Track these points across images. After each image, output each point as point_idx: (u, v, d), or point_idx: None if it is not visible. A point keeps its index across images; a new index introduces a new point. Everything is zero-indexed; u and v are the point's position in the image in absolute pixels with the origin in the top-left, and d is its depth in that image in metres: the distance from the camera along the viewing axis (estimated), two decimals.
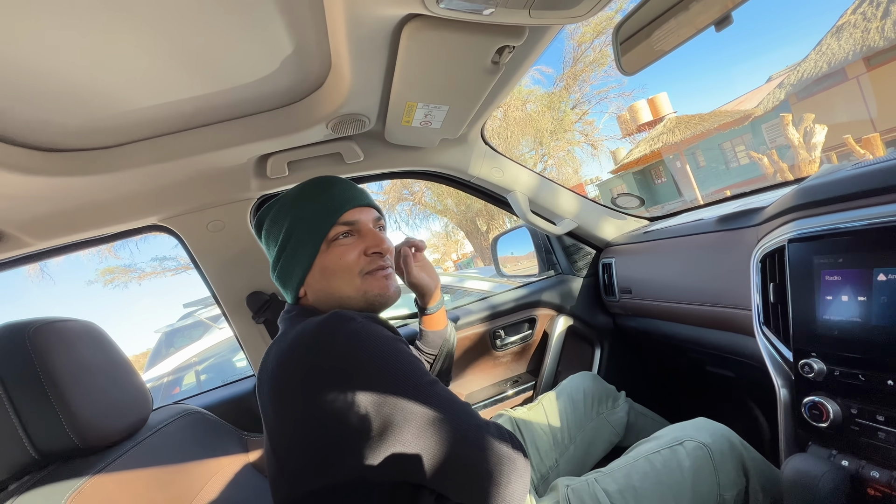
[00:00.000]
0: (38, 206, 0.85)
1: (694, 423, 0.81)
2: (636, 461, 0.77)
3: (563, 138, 12.42)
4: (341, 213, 0.68)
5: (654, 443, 0.79)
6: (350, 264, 0.68)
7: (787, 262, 0.68)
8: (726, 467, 0.72)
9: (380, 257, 0.70)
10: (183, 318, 4.08)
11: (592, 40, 11.57)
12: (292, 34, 0.65)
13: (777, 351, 0.69)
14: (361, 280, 0.68)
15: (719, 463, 0.72)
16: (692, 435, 0.77)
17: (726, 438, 0.75)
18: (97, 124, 0.74)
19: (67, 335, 0.66)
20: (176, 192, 0.98)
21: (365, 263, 0.69)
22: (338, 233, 0.68)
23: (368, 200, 0.73)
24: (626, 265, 1.27)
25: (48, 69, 0.57)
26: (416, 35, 0.65)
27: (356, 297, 0.68)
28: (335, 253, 0.68)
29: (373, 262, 0.69)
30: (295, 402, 0.54)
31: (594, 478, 0.77)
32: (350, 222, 0.69)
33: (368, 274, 0.69)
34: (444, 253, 19.47)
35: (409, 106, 0.87)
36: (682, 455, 0.74)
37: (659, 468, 0.74)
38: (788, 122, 8.43)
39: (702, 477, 0.71)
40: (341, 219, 0.68)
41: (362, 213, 0.71)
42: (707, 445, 0.74)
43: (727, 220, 0.92)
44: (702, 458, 0.73)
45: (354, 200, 0.71)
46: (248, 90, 0.77)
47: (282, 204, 0.72)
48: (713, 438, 0.75)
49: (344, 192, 0.71)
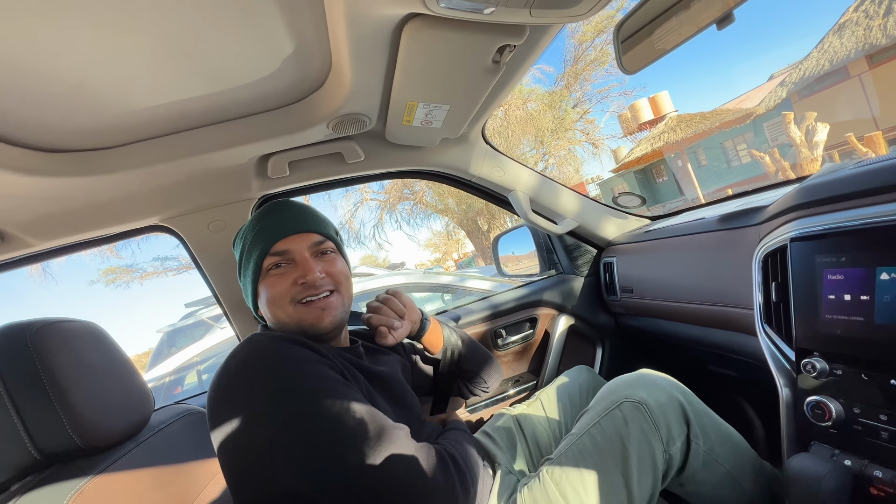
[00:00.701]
0: (40, 206, 0.85)
1: (632, 377, 0.79)
2: (579, 438, 0.75)
3: (564, 137, 12.40)
4: (272, 244, 0.70)
5: (593, 411, 0.77)
6: (282, 294, 0.69)
7: (790, 261, 0.68)
8: (667, 420, 0.70)
9: (311, 287, 0.70)
10: (184, 317, 4.09)
11: (593, 39, 11.55)
12: (293, 34, 0.65)
13: (779, 350, 0.69)
14: (294, 308, 0.70)
15: (658, 417, 0.70)
16: (628, 394, 0.74)
17: (664, 389, 0.73)
18: (98, 125, 0.74)
19: (69, 336, 0.66)
20: (177, 193, 0.98)
21: (296, 292, 0.70)
22: (270, 263, 0.71)
23: (306, 227, 0.73)
24: (628, 264, 1.26)
25: (49, 70, 0.57)
26: (416, 34, 0.65)
27: (292, 325, 0.70)
28: (269, 282, 0.70)
29: (304, 291, 0.70)
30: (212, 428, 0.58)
31: (545, 469, 0.74)
32: (280, 252, 0.70)
33: (301, 303, 0.70)
34: (445, 252, 19.48)
35: (409, 105, 0.87)
36: (620, 420, 0.71)
37: (599, 441, 0.72)
38: (790, 120, 8.41)
39: (642, 437, 0.69)
40: (272, 249, 0.70)
41: (294, 243, 0.71)
42: (643, 402, 0.71)
43: (729, 219, 0.91)
44: (640, 418, 0.70)
45: (288, 230, 0.71)
46: (248, 90, 0.77)
47: (243, 229, 0.76)
48: (648, 392, 0.73)
49: (280, 221, 0.72)
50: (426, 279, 2.94)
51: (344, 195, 14.36)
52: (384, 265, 13.10)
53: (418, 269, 13.44)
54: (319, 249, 0.74)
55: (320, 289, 0.71)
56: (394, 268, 8.85)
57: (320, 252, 0.74)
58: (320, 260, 0.74)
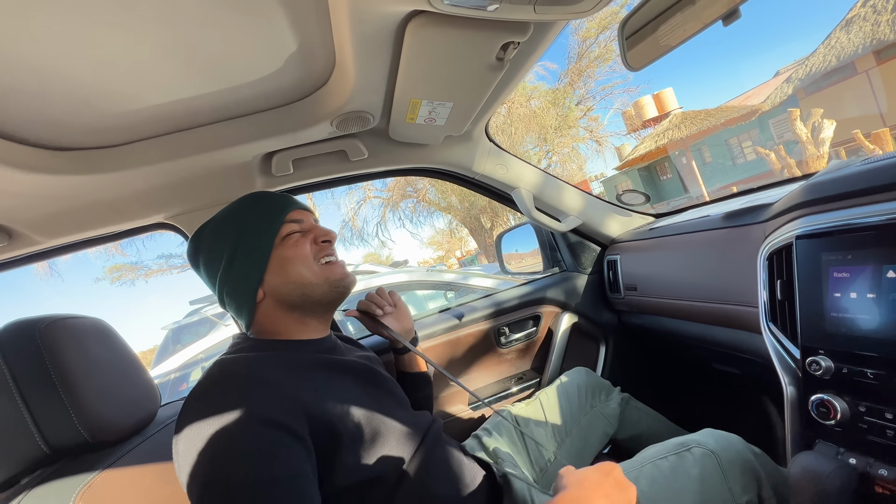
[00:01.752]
0: (47, 204, 0.86)
1: (701, 433, 0.80)
2: (643, 465, 0.76)
3: (567, 135, 12.37)
4: (287, 212, 0.72)
5: (661, 447, 0.78)
6: (307, 253, 0.71)
7: (795, 259, 0.68)
8: (735, 474, 0.71)
9: (329, 245, 0.74)
10: (189, 314, 4.11)
11: (597, 35, 11.49)
12: (297, 32, 0.65)
13: (784, 348, 0.69)
14: (320, 267, 0.71)
15: (728, 470, 0.71)
16: (699, 441, 0.76)
17: (734, 446, 0.74)
18: (104, 123, 0.74)
19: (77, 332, 0.66)
20: (182, 190, 0.99)
21: (318, 251, 0.72)
22: (288, 230, 0.71)
23: (305, 207, 0.77)
24: (632, 262, 1.26)
25: (55, 69, 0.58)
26: (420, 32, 0.64)
27: (319, 283, 0.70)
28: (289, 248, 0.70)
29: (325, 249, 0.73)
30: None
31: None
32: (297, 220, 0.73)
33: (325, 264, 0.72)
34: (448, 250, 19.47)
35: (413, 103, 0.87)
36: (690, 461, 0.73)
37: (667, 473, 0.73)
38: (796, 117, 8.34)
39: (710, 484, 0.70)
40: (288, 217, 0.72)
41: (303, 214, 0.75)
42: (715, 453, 0.73)
43: (733, 216, 0.91)
44: (710, 465, 0.72)
45: (294, 204, 0.74)
46: (252, 88, 0.77)
47: (218, 223, 0.71)
48: (720, 446, 0.74)
49: (282, 198, 0.74)
50: (429, 277, 2.94)
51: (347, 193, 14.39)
52: (387, 263, 13.11)
53: (421, 266, 13.47)
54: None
55: (332, 250, 0.75)
56: (397, 265, 8.86)
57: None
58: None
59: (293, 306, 0.70)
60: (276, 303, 0.70)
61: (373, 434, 0.62)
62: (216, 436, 0.50)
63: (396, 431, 0.66)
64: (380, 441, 0.63)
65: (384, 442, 0.63)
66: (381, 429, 0.64)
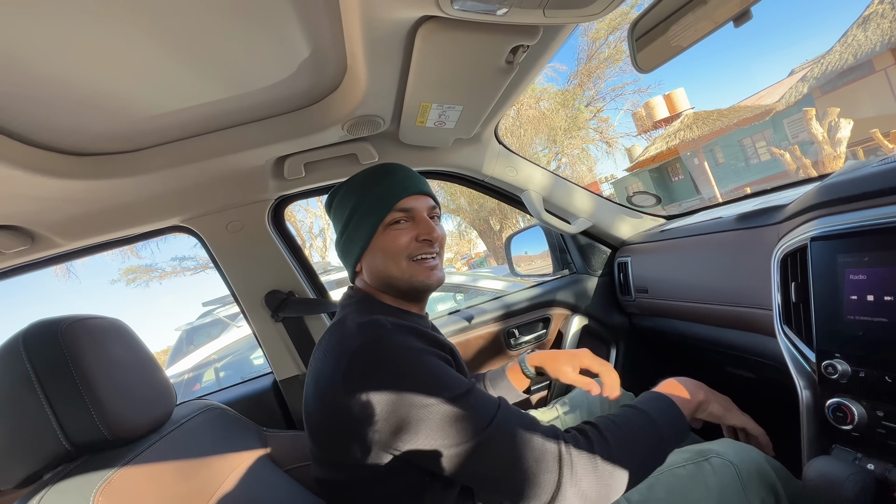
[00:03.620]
0: (68, 208, 0.88)
1: (720, 442, 0.78)
2: (660, 473, 0.75)
3: (577, 136, 12.28)
4: (398, 199, 0.73)
5: (679, 456, 0.77)
6: (401, 248, 0.72)
7: (810, 261, 0.67)
8: (753, 486, 0.69)
9: (428, 244, 0.74)
10: (202, 316, 4.17)
11: (607, 36, 11.41)
12: (309, 38, 0.66)
13: (799, 352, 0.68)
14: (408, 264, 0.72)
15: (747, 482, 0.70)
16: (718, 452, 0.74)
17: (753, 459, 0.73)
18: (122, 129, 0.76)
19: (97, 332, 0.68)
20: (197, 194, 1.01)
21: (414, 249, 0.73)
22: (393, 218, 0.73)
23: (425, 189, 0.77)
24: (643, 264, 1.25)
25: (75, 77, 0.59)
26: (430, 36, 0.65)
27: (401, 279, 0.73)
28: (389, 236, 0.72)
29: (421, 249, 0.73)
30: (333, 395, 0.60)
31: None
32: (406, 209, 0.73)
33: (416, 260, 0.73)
34: (457, 252, 19.46)
35: (423, 106, 0.88)
36: (709, 471, 0.72)
37: (684, 482, 0.72)
38: (812, 116, 8.17)
39: (728, 495, 0.69)
40: (398, 205, 0.72)
41: (417, 201, 0.74)
42: (734, 464, 0.71)
43: (747, 218, 0.90)
44: (728, 476, 0.70)
45: (411, 188, 0.74)
46: (265, 94, 0.79)
47: (349, 186, 0.77)
48: (739, 458, 0.73)
49: (403, 179, 0.75)
50: None
51: None
52: None
53: None
54: (432, 214, 0.77)
55: (434, 248, 0.75)
56: None
57: (433, 216, 0.77)
58: (433, 223, 0.77)
59: (382, 288, 0.75)
60: (371, 278, 0.76)
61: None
62: (413, 373, 0.59)
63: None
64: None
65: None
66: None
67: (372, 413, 0.57)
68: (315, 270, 1.26)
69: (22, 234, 0.91)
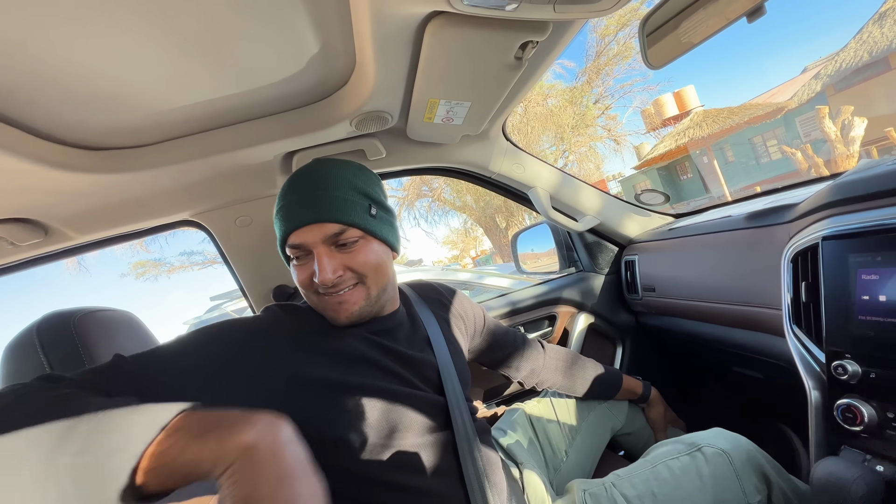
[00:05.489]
0: (81, 202, 0.90)
1: (711, 432, 0.80)
2: (654, 466, 0.76)
3: (585, 133, 12.20)
4: (287, 235, 0.65)
5: (672, 447, 0.79)
6: (303, 285, 0.66)
7: (821, 261, 0.66)
8: (747, 473, 0.71)
9: (325, 286, 0.63)
10: (210, 310, 4.22)
11: (616, 33, 11.30)
12: (318, 33, 0.66)
13: (808, 352, 0.67)
14: (318, 298, 0.66)
15: (740, 470, 0.71)
16: (710, 441, 0.76)
17: (744, 447, 0.74)
18: (133, 124, 0.77)
19: (109, 323, 0.69)
20: (206, 189, 1.02)
21: (317, 286, 0.64)
22: (290, 254, 0.66)
23: (321, 216, 0.63)
24: (651, 263, 1.24)
25: (87, 72, 0.60)
26: (439, 32, 0.65)
27: (322, 310, 0.67)
28: (295, 269, 0.67)
29: (322, 288, 0.64)
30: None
31: (612, 482, 0.77)
32: (296, 245, 0.64)
33: (323, 294, 0.65)
34: (463, 249, 19.44)
35: (431, 103, 0.88)
36: (702, 461, 0.73)
37: (678, 474, 0.73)
38: (825, 114, 8.05)
39: (723, 484, 0.70)
40: (288, 241, 0.64)
41: (308, 234, 0.63)
42: (726, 452, 0.73)
43: (757, 216, 0.89)
44: (722, 464, 0.72)
45: (300, 220, 0.63)
46: (274, 89, 0.79)
47: (285, 186, 0.69)
48: (731, 446, 0.74)
49: (297, 206, 0.64)
50: (444, 276, 2.95)
51: None
52: (402, 262, 13.19)
53: (436, 265, 13.50)
54: (337, 241, 0.64)
55: (339, 286, 0.64)
56: (412, 265, 8.90)
57: (339, 244, 0.64)
58: (339, 252, 0.64)
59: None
60: None
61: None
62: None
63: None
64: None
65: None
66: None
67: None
68: None
69: (36, 227, 0.93)
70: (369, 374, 0.65)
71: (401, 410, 0.64)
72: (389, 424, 0.63)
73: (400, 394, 0.66)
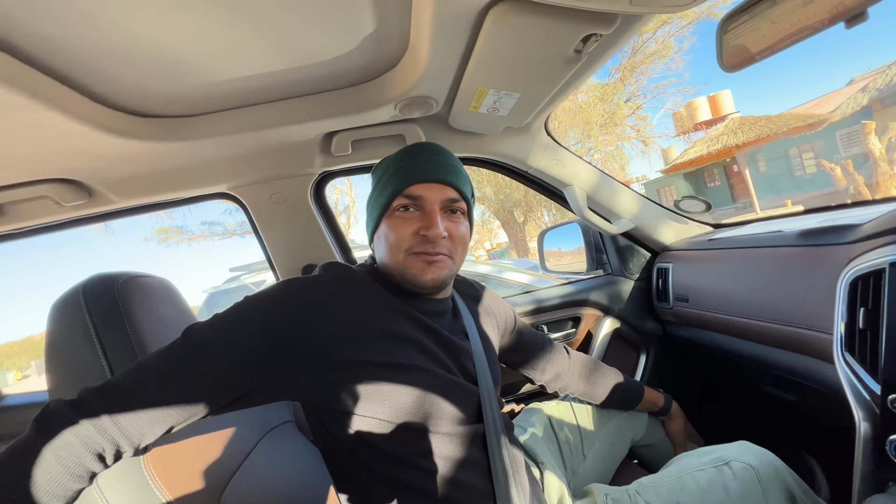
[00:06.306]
0: (126, 167, 0.91)
1: (738, 445, 0.78)
2: (680, 476, 0.75)
3: (612, 132, 11.92)
4: (408, 184, 0.66)
5: (698, 459, 0.77)
6: (399, 240, 0.65)
7: (885, 287, 0.62)
8: (774, 491, 0.69)
9: (428, 242, 0.65)
10: (228, 280, 4.30)
11: (655, 30, 10.93)
12: (376, 13, 0.65)
13: (860, 381, 0.64)
14: (405, 257, 0.65)
15: (767, 487, 0.69)
16: (738, 456, 0.74)
17: (771, 463, 0.73)
18: (184, 93, 0.77)
19: (149, 289, 0.70)
20: (246, 163, 1.02)
21: (414, 243, 0.65)
22: (399, 204, 0.66)
23: (446, 178, 0.67)
24: (685, 272, 1.21)
25: (149, 40, 0.60)
26: (501, 19, 0.63)
27: (396, 271, 0.67)
28: (392, 224, 0.67)
29: (420, 245, 0.65)
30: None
31: (636, 489, 0.76)
32: (413, 196, 0.66)
33: (414, 254, 0.65)
34: (478, 241, 19.38)
35: (479, 91, 0.86)
36: (729, 476, 0.72)
37: (704, 486, 0.72)
38: (871, 130, 7.67)
39: (749, 499, 0.69)
40: (406, 191, 0.66)
41: (430, 190, 0.66)
42: (754, 468, 0.71)
43: (813, 234, 0.85)
44: (749, 480, 0.70)
45: (426, 175, 0.66)
46: (324, 67, 0.78)
47: (386, 158, 0.72)
48: (759, 461, 0.73)
49: (422, 163, 0.67)
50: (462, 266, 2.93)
51: None
52: None
53: None
54: (451, 207, 0.68)
55: (437, 248, 0.65)
56: None
57: (451, 210, 0.68)
58: (447, 217, 0.67)
59: (383, 270, 0.70)
60: (377, 257, 0.72)
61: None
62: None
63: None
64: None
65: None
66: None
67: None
68: (351, 248, 1.27)
69: (81, 188, 0.94)
70: (415, 356, 0.64)
71: (438, 396, 0.64)
72: (425, 409, 0.62)
73: (440, 378, 0.65)
